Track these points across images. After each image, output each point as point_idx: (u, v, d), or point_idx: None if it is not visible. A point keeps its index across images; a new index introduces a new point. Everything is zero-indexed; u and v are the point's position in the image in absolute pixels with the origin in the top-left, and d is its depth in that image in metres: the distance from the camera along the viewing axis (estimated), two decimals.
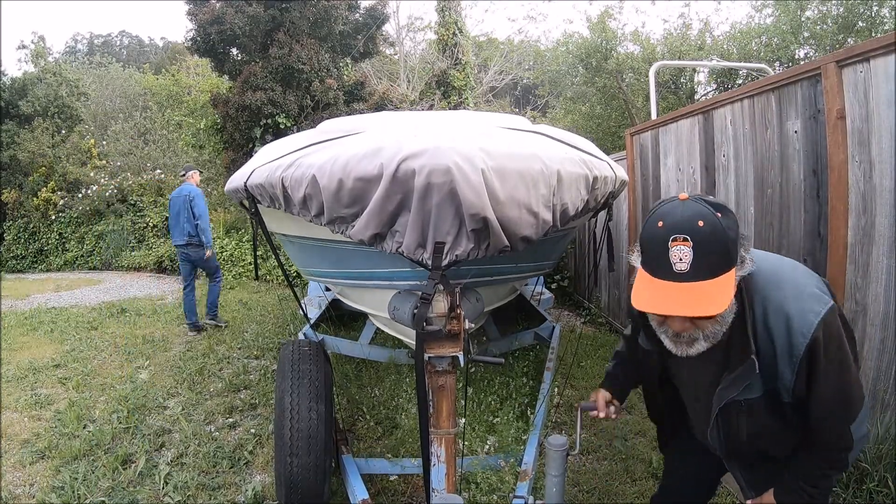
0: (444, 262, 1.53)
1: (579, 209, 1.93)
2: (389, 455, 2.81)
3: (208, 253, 5.86)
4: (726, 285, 1.11)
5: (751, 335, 1.20)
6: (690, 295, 1.10)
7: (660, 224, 1.14)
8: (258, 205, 2.26)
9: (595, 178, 2.01)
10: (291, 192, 1.78)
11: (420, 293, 1.67)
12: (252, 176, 2.12)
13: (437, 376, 1.83)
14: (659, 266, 1.13)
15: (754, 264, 1.20)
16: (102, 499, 2.64)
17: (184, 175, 6.14)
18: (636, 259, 1.22)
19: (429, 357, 1.76)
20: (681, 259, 1.10)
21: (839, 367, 1.21)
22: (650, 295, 1.15)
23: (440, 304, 1.67)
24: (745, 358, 1.22)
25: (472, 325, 2.01)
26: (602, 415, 1.61)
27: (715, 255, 1.11)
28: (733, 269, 1.13)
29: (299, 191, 1.72)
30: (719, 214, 1.12)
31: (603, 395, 1.63)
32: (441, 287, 1.62)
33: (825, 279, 1.34)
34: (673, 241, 1.11)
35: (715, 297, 1.10)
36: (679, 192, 1.21)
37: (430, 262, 1.55)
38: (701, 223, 1.10)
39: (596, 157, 2.25)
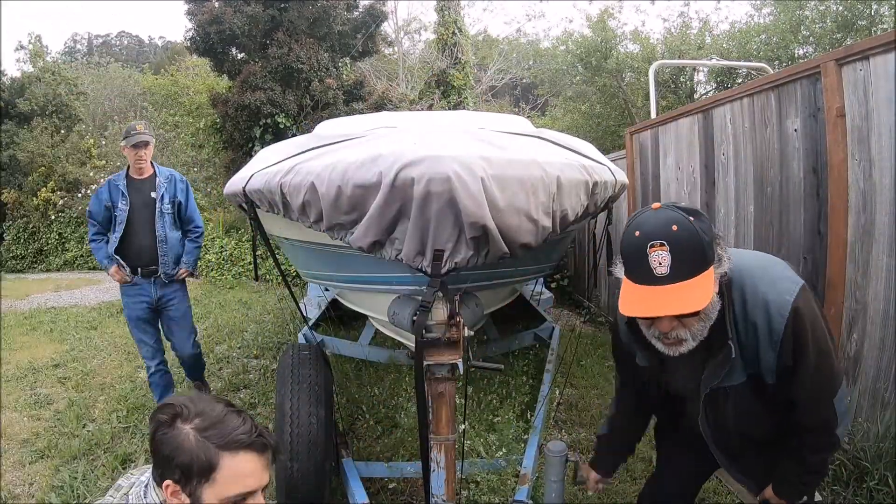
0: (444, 270, 1.53)
1: (579, 214, 1.93)
2: (389, 456, 2.82)
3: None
4: (705, 283, 1.18)
5: (729, 324, 1.29)
6: (673, 295, 1.17)
7: (637, 233, 1.22)
8: (257, 209, 2.26)
9: (595, 184, 2.02)
10: (290, 198, 1.78)
11: (419, 299, 1.67)
12: (250, 181, 2.12)
13: (437, 383, 1.83)
14: (641, 273, 1.20)
15: (731, 262, 1.27)
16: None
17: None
18: (619, 270, 1.29)
19: (428, 364, 1.76)
20: (660, 263, 1.17)
21: (818, 341, 1.29)
22: (636, 301, 1.22)
23: (440, 312, 1.67)
24: (723, 345, 1.30)
25: (472, 333, 2.01)
26: (591, 492, 1.85)
27: (691, 255, 1.18)
28: (711, 268, 1.20)
29: (298, 197, 1.71)
30: (692, 218, 1.19)
31: (594, 477, 1.81)
32: (440, 294, 1.62)
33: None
34: (651, 247, 1.18)
35: (695, 295, 1.17)
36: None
37: (429, 270, 1.55)
38: (675, 227, 1.17)
39: (596, 161, 2.25)
